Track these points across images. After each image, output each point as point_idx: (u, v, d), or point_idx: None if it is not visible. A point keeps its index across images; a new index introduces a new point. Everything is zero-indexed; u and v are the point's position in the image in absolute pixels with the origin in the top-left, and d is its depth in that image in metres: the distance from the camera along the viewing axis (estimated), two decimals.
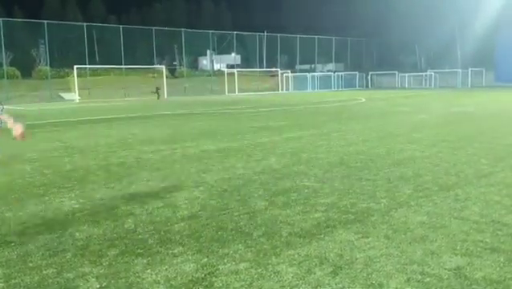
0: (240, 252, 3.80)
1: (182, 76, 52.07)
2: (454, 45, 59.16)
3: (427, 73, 56.60)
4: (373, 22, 63.80)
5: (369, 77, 60.55)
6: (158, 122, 16.79)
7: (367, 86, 59.46)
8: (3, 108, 4.21)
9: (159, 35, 50.76)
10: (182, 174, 7.00)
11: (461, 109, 19.44)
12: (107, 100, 35.41)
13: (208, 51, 61.45)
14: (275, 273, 3.39)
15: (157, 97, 37.96)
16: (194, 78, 52.48)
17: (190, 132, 12.80)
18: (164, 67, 45.58)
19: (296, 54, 60.48)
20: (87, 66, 42.99)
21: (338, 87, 56.03)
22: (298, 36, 59.64)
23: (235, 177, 6.65)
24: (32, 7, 74.98)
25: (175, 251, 3.84)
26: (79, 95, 37.62)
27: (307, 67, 62.60)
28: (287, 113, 19.54)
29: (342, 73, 58.74)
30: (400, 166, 7.23)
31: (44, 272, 3.48)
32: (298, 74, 56.67)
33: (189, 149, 9.51)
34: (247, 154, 8.70)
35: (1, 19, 39.27)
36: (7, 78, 39.12)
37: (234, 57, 62.45)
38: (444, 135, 10.92)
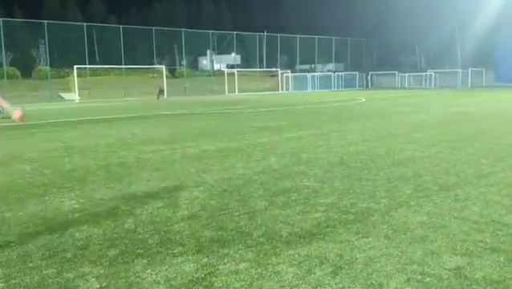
0: (240, 252, 3.79)
1: (182, 76, 52.09)
2: (454, 45, 59.18)
3: (427, 73, 56.62)
4: (373, 22, 63.81)
5: (369, 77, 60.57)
6: (158, 122, 16.79)
7: (367, 86, 59.47)
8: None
9: (159, 35, 50.78)
10: (182, 174, 7.00)
11: (461, 109, 19.44)
12: (107, 100, 35.41)
13: (208, 51, 61.49)
14: (275, 273, 3.39)
15: (157, 97, 37.96)
16: (194, 78, 52.49)
17: (190, 132, 12.80)
18: (164, 67, 45.58)
19: (296, 54, 60.50)
20: (87, 66, 43.01)
21: (338, 87, 56.04)
22: (298, 36, 59.65)
23: (235, 177, 6.65)
24: (32, 7, 75.06)
25: (175, 251, 3.84)
26: (79, 95, 37.64)
27: (307, 67, 62.61)
28: (287, 113, 19.54)
29: (342, 73, 58.75)
30: (400, 166, 7.23)
31: (44, 272, 3.48)
32: (298, 74, 56.68)
33: (189, 149, 9.51)
34: (247, 154, 8.70)
35: (1, 19, 39.29)
36: (7, 78, 39.15)
37: (234, 57, 62.46)
38: (444, 135, 10.92)
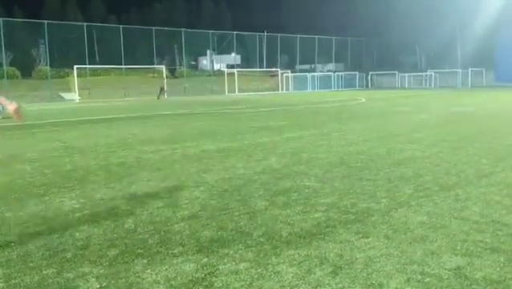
0: (240, 252, 3.79)
1: (182, 76, 52.09)
2: (454, 45, 59.16)
3: (427, 73, 56.59)
4: (373, 22, 63.78)
5: (369, 77, 60.54)
6: (158, 122, 16.79)
7: (367, 86, 59.45)
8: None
9: (159, 35, 50.75)
10: (182, 174, 7.00)
11: (462, 109, 19.44)
12: (107, 100, 35.41)
13: (208, 51, 61.49)
14: (275, 273, 3.39)
15: (157, 97, 37.92)
16: (194, 78, 52.49)
17: (190, 132, 12.80)
18: (164, 67, 45.58)
19: (296, 54, 60.48)
20: (87, 66, 43.00)
21: (338, 87, 56.02)
22: (298, 36, 59.62)
23: (235, 177, 6.65)
24: (32, 7, 75.01)
25: (175, 251, 3.84)
26: (79, 95, 37.63)
27: (307, 67, 62.60)
28: (287, 113, 19.54)
29: (342, 73, 58.73)
30: (401, 166, 7.23)
31: (44, 272, 3.48)
32: (298, 74, 56.66)
33: (189, 149, 9.51)
34: (247, 154, 8.70)
35: (1, 19, 39.26)
36: (7, 78, 39.11)
37: (234, 57, 62.46)
38: (444, 135, 10.91)
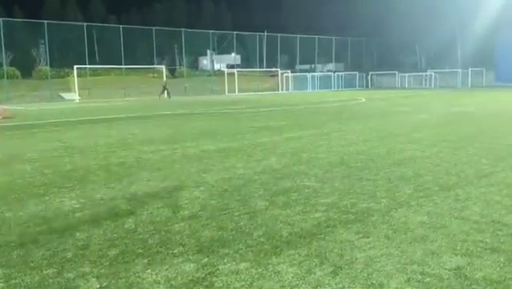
0: (240, 252, 3.80)
1: (182, 76, 52.08)
2: (454, 45, 59.12)
3: (427, 73, 56.55)
4: (373, 22, 63.72)
5: (369, 77, 60.52)
6: (158, 122, 16.79)
7: (367, 86, 59.42)
8: None
9: (159, 35, 50.69)
10: (182, 174, 7.00)
11: (462, 109, 19.44)
12: (107, 100, 35.39)
13: (208, 51, 61.46)
14: (275, 273, 3.39)
15: (159, 97, 37.85)
16: (194, 78, 52.47)
17: (190, 132, 12.80)
18: (164, 67, 45.57)
19: (296, 54, 60.44)
20: (87, 66, 42.97)
21: (338, 87, 56.00)
22: (298, 36, 59.58)
23: (235, 177, 6.65)
24: (32, 7, 74.96)
25: (175, 251, 3.84)
26: (79, 95, 37.60)
27: (307, 67, 62.55)
28: (287, 113, 19.54)
29: (342, 73, 58.70)
30: (401, 166, 7.23)
31: (44, 272, 3.48)
32: (298, 74, 56.63)
33: (189, 149, 9.51)
34: (247, 154, 8.70)
35: (1, 19, 39.23)
36: (7, 78, 39.09)
37: (234, 57, 62.43)
38: (444, 135, 10.92)
